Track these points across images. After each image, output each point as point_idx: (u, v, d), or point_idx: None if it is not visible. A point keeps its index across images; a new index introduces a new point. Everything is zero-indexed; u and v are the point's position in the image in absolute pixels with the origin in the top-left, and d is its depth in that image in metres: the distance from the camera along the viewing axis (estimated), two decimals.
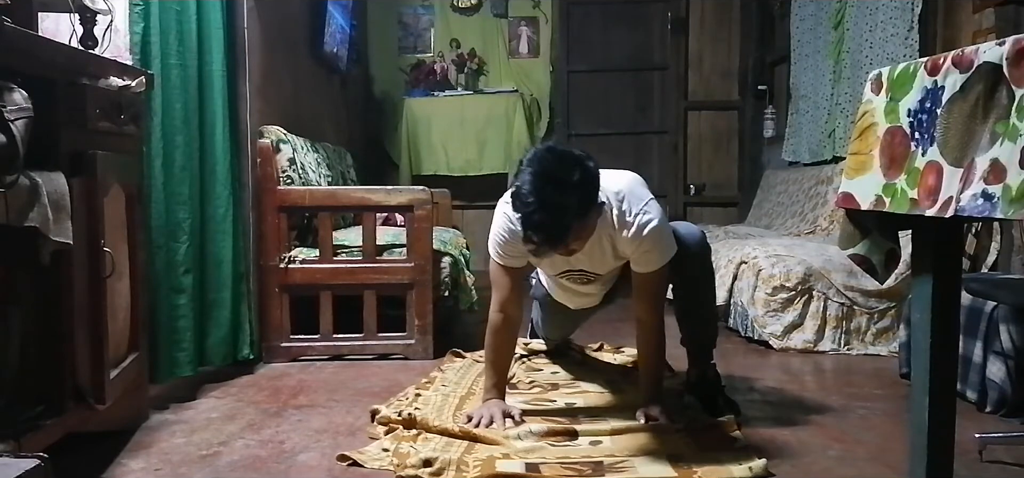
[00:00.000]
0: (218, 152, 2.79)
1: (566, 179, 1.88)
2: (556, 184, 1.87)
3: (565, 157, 1.93)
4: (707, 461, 1.93)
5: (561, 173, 1.89)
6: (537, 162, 1.91)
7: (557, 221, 1.89)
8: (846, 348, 3.30)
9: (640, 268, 2.21)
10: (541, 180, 1.87)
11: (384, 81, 6.07)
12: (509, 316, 2.28)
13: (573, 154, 1.95)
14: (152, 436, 2.20)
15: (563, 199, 1.88)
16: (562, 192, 1.87)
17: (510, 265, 2.22)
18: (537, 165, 1.90)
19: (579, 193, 1.91)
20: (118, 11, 2.35)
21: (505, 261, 2.21)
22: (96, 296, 1.89)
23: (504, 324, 2.28)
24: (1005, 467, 1.96)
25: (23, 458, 1.26)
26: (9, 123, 1.47)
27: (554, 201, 1.87)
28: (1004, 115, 1.20)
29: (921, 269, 1.54)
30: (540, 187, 1.86)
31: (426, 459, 1.90)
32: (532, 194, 1.86)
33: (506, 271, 2.23)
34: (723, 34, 6.01)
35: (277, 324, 3.12)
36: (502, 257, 2.21)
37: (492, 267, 2.26)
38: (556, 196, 1.87)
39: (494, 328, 2.28)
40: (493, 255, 2.22)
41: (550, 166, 1.90)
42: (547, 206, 1.86)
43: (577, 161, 1.92)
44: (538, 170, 1.89)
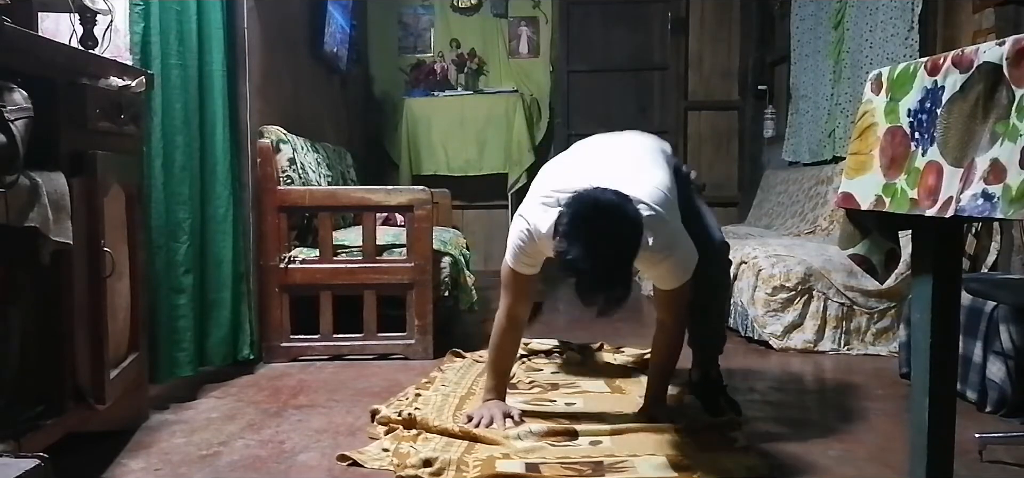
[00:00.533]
0: (218, 152, 2.79)
1: (619, 240, 1.82)
2: (612, 248, 1.81)
3: (611, 213, 1.84)
4: (707, 461, 1.93)
5: (613, 234, 1.82)
6: (585, 226, 1.81)
7: (622, 284, 1.85)
8: (846, 348, 3.30)
9: (661, 285, 2.18)
10: (595, 247, 1.79)
11: (384, 81, 6.07)
12: (517, 320, 2.27)
13: (615, 205, 1.85)
14: (152, 436, 2.20)
15: (622, 260, 1.83)
16: (619, 255, 1.82)
17: (525, 272, 2.19)
18: (587, 231, 1.81)
19: (632, 247, 1.85)
20: (118, 11, 2.35)
21: (520, 268, 2.18)
22: (96, 296, 1.89)
23: (511, 327, 2.27)
24: (1005, 467, 1.96)
25: (23, 458, 1.26)
26: (9, 123, 1.47)
27: (615, 267, 1.82)
28: (1004, 115, 1.20)
29: (921, 269, 1.54)
30: (596, 254, 1.79)
31: (426, 459, 1.90)
32: (588, 261, 1.79)
33: (520, 277, 2.20)
34: (723, 34, 6.01)
35: (277, 324, 3.12)
36: (518, 264, 2.17)
37: (505, 271, 2.22)
38: (615, 261, 1.82)
39: (501, 329, 2.28)
40: (509, 260, 2.18)
41: (601, 229, 1.81)
42: (612, 274, 1.82)
43: (622, 213, 1.85)
44: (589, 237, 1.80)
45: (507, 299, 2.25)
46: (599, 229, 1.81)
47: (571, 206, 1.85)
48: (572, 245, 1.80)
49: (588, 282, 1.83)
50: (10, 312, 1.70)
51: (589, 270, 1.80)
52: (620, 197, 1.88)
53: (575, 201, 1.86)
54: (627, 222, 1.85)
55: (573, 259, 1.79)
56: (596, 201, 1.85)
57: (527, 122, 5.88)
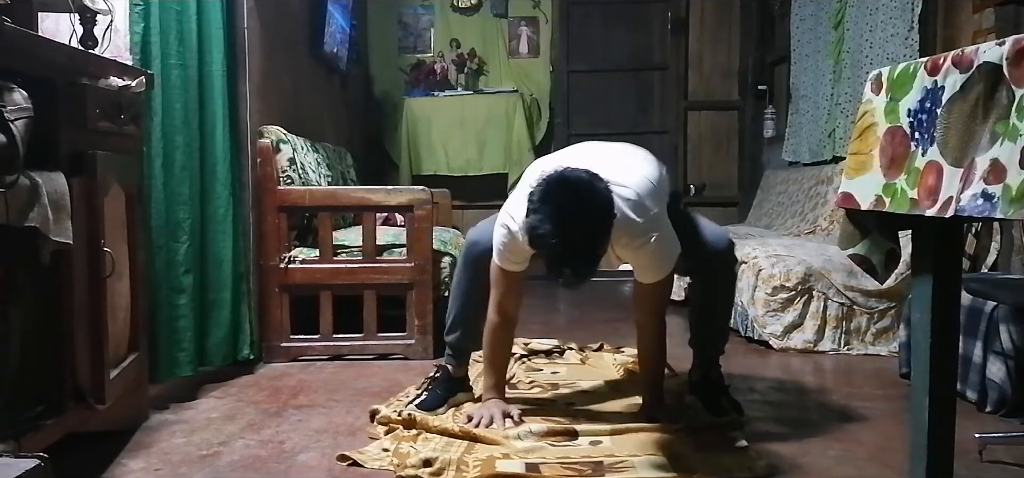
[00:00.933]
0: (218, 152, 2.79)
1: (587, 212, 1.84)
2: (579, 220, 1.82)
3: (579, 187, 1.86)
4: (707, 461, 1.93)
5: (581, 206, 1.84)
6: (553, 199, 1.83)
7: (587, 256, 1.85)
8: (846, 348, 3.30)
9: (640, 278, 2.19)
10: (563, 219, 1.81)
11: (384, 81, 6.07)
12: (508, 316, 2.28)
13: (584, 180, 1.88)
14: (152, 436, 2.20)
15: (588, 231, 1.84)
16: (586, 226, 1.83)
17: (512, 269, 2.21)
18: (554, 204, 1.82)
19: (600, 221, 1.86)
20: (118, 11, 2.35)
21: (506, 265, 2.20)
22: (96, 296, 1.89)
23: (503, 324, 2.28)
24: (1005, 467, 1.96)
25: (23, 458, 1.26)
26: (9, 123, 1.47)
27: (580, 238, 1.83)
28: (1004, 115, 1.20)
29: (921, 269, 1.54)
30: (563, 226, 1.81)
31: (426, 459, 1.90)
32: (556, 235, 1.80)
33: (507, 274, 2.21)
34: (723, 34, 6.01)
35: (277, 324, 3.12)
36: (505, 261, 2.19)
37: (493, 269, 2.24)
38: (581, 231, 1.83)
39: (493, 328, 2.28)
40: (495, 258, 2.20)
41: (568, 201, 1.83)
42: (575, 245, 1.83)
43: (591, 187, 1.87)
44: (557, 209, 1.82)
45: (496, 296, 2.25)
46: (567, 202, 1.83)
47: (541, 183, 1.87)
48: (541, 219, 1.82)
49: (554, 252, 1.83)
50: (10, 312, 1.70)
51: (556, 241, 1.81)
52: (590, 175, 1.89)
53: (545, 179, 1.88)
54: (596, 197, 1.86)
55: (541, 232, 1.82)
56: (564, 177, 1.88)
57: (527, 122, 5.88)
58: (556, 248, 1.82)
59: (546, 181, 1.87)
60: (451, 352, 2.52)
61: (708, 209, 5.99)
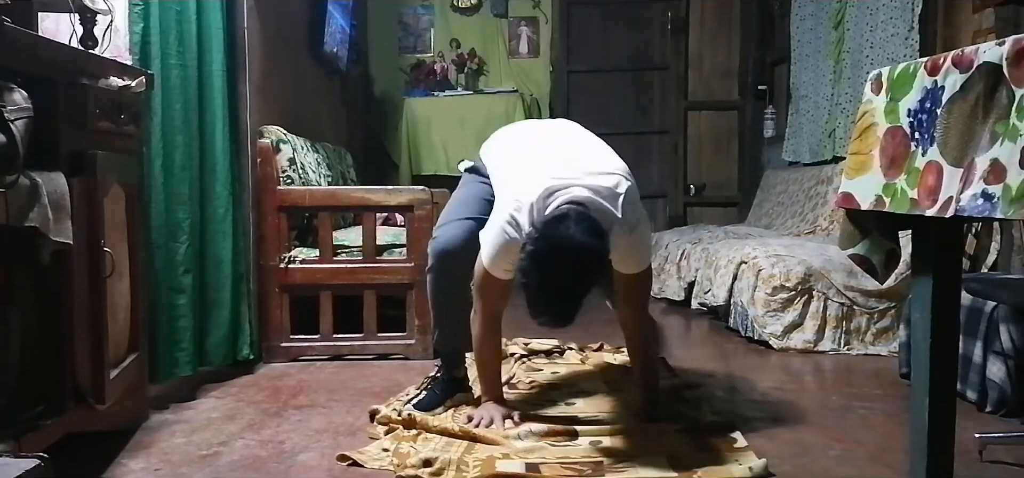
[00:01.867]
0: (218, 152, 2.79)
1: (574, 282, 1.89)
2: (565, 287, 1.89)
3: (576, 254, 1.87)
4: (707, 461, 1.93)
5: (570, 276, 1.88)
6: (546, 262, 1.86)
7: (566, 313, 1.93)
8: (846, 348, 3.30)
9: (624, 269, 2.16)
10: (550, 283, 1.87)
11: (384, 81, 6.07)
12: (495, 320, 2.26)
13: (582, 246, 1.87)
14: (152, 436, 2.20)
15: (571, 298, 1.91)
16: (571, 294, 1.90)
17: (502, 277, 2.14)
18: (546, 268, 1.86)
19: (585, 286, 1.92)
20: (118, 11, 2.35)
21: (498, 273, 2.13)
22: (96, 296, 1.89)
23: (491, 329, 2.25)
24: (1005, 467, 1.96)
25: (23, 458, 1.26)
26: (9, 123, 1.47)
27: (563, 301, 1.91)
28: (1004, 115, 1.20)
29: (921, 269, 1.54)
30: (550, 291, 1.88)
31: (426, 459, 1.90)
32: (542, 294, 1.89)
33: (496, 282, 2.15)
34: (723, 34, 6.01)
35: (277, 324, 3.12)
36: (495, 269, 2.12)
37: (480, 274, 2.17)
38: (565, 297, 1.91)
39: (484, 335, 2.25)
40: (487, 263, 2.12)
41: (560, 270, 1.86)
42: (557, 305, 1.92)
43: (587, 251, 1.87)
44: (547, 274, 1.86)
45: (482, 304, 2.21)
46: (558, 269, 1.86)
47: (539, 240, 1.89)
48: (531, 275, 1.88)
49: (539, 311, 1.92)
50: (10, 312, 1.70)
51: (542, 304, 1.90)
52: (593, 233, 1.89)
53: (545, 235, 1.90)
54: (589, 262, 1.89)
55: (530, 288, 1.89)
56: (562, 242, 1.87)
57: None
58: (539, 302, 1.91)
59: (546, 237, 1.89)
60: (445, 361, 2.52)
61: (708, 209, 6.01)
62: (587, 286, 1.93)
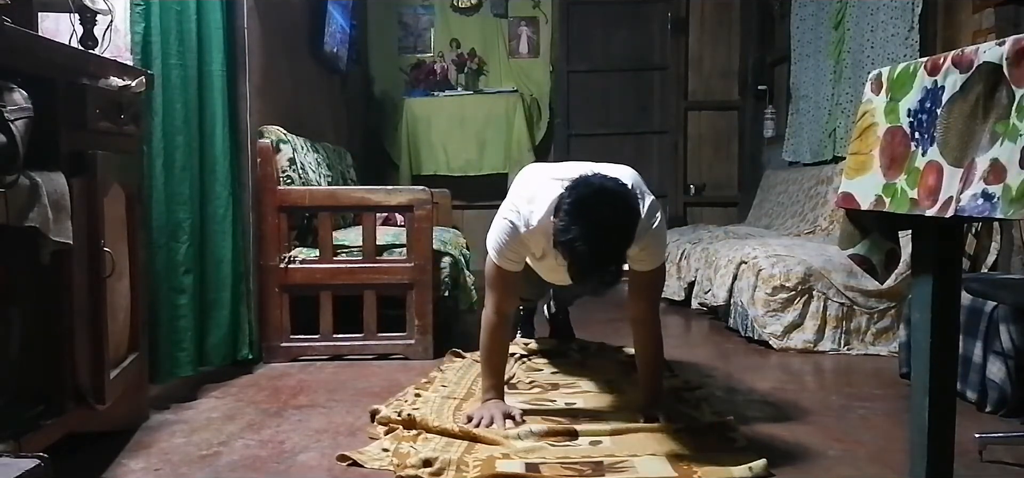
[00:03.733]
0: (218, 152, 2.79)
1: (621, 225, 1.90)
2: (614, 234, 1.89)
3: (614, 199, 1.91)
4: (707, 461, 1.93)
5: (616, 219, 1.89)
6: (588, 209, 1.87)
7: (617, 265, 1.93)
8: (846, 348, 3.30)
9: (640, 266, 2.20)
10: (596, 231, 1.86)
11: (384, 81, 6.07)
12: (505, 316, 2.28)
13: (617, 191, 1.92)
14: (152, 436, 2.20)
15: (621, 244, 1.91)
16: (620, 240, 1.90)
17: (510, 268, 2.22)
18: (589, 214, 1.87)
19: (628, 234, 1.92)
20: (118, 11, 2.35)
21: (506, 264, 2.20)
22: (96, 296, 1.89)
23: (501, 324, 2.28)
24: (1005, 467, 1.96)
25: (23, 458, 1.26)
26: (9, 123, 1.47)
27: (614, 251, 1.90)
28: (1004, 115, 1.20)
29: (921, 269, 1.54)
30: (599, 240, 1.86)
31: (426, 459, 1.90)
32: (587, 243, 1.85)
33: (505, 273, 2.22)
34: (723, 34, 6.01)
35: (277, 324, 3.12)
36: (503, 260, 2.20)
37: (490, 268, 2.25)
38: (615, 245, 1.90)
39: (491, 328, 2.28)
40: (494, 257, 2.21)
41: (603, 214, 1.88)
42: (611, 257, 1.90)
43: (623, 199, 1.92)
44: (591, 221, 1.86)
45: (494, 296, 2.26)
46: (601, 214, 1.88)
47: (575, 189, 1.92)
48: (573, 225, 1.87)
49: (585, 263, 1.89)
50: (10, 312, 1.70)
51: (587, 252, 1.86)
52: (621, 184, 1.96)
53: (579, 184, 1.93)
54: (627, 209, 1.93)
55: (572, 239, 1.87)
56: (601, 186, 1.92)
57: (527, 122, 5.88)
58: (586, 258, 1.88)
59: (581, 185, 1.91)
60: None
61: (708, 209, 6.01)
62: (630, 235, 1.92)
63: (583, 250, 1.86)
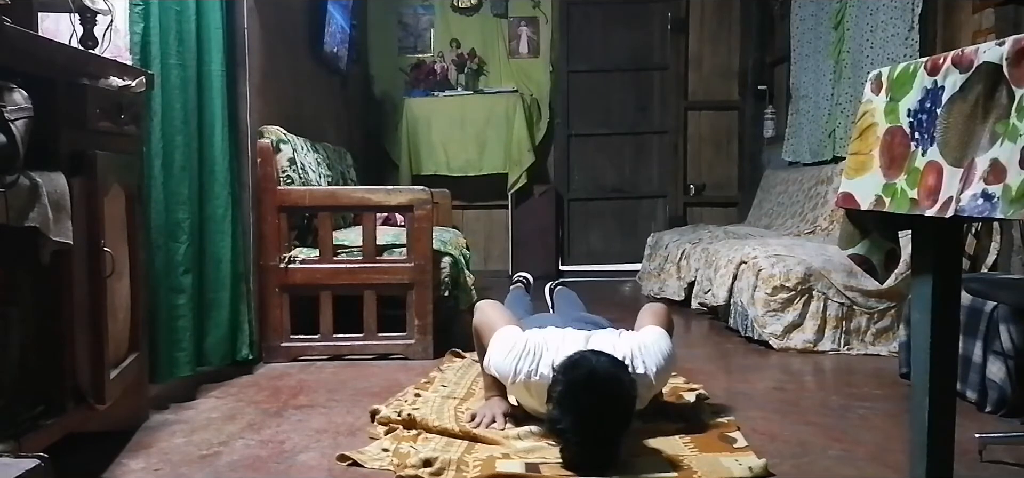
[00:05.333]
0: (217, 152, 2.79)
1: (610, 418, 1.84)
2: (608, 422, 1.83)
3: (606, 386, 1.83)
4: (707, 461, 1.93)
5: (605, 412, 1.82)
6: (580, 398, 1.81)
7: (614, 449, 1.88)
8: (846, 348, 3.30)
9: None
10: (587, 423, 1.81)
11: (384, 81, 6.07)
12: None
13: (610, 376, 1.85)
14: (152, 436, 2.20)
15: (609, 440, 1.86)
16: (609, 434, 1.85)
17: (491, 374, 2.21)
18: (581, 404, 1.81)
19: (622, 424, 1.86)
20: (118, 11, 2.35)
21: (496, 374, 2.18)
22: (96, 296, 1.89)
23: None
24: (1005, 467, 1.96)
25: (23, 458, 1.26)
26: (9, 123, 1.47)
27: (610, 438, 1.85)
28: (1004, 115, 1.20)
29: (921, 269, 1.54)
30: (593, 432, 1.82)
31: (426, 459, 1.90)
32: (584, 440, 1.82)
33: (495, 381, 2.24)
34: (723, 34, 6.01)
35: (277, 324, 3.12)
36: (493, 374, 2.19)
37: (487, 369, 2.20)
38: (603, 439, 1.84)
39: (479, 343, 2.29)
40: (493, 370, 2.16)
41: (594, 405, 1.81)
42: (604, 445, 1.85)
43: (616, 384, 1.85)
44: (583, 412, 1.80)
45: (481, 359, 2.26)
46: (592, 404, 1.81)
47: (566, 373, 1.86)
48: (565, 415, 1.82)
49: (576, 453, 1.86)
50: (10, 312, 1.70)
51: (579, 446, 1.84)
52: (616, 365, 1.89)
53: (571, 368, 1.86)
54: (621, 396, 1.85)
55: (563, 430, 1.84)
56: (592, 371, 1.84)
57: (527, 122, 5.88)
58: (578, 450, 1.85)
59: (573, 370, 1.85)
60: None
61: (708, 209, 6.02)
62: (628, 418, 1.86)
63: (575, 444, 1.84)
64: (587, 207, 6.12)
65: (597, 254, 6.08)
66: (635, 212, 6.13)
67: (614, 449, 1.87)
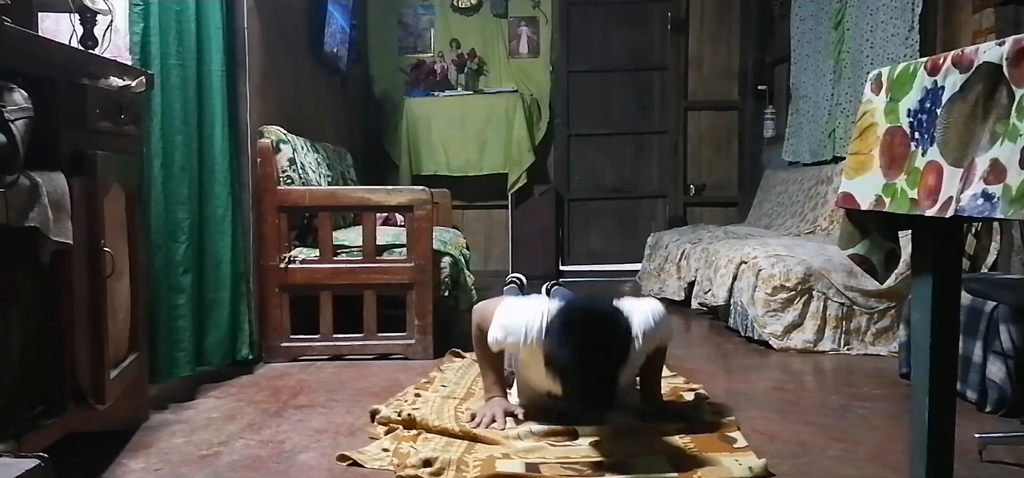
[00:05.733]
0: (217, 152, 2.79)
1: (611, 346, 1.86)
2: (605, 354, 1.86)
3: (602, 321, 1.88)
4: (707, 461, 1.93)
5: (605, 341, 1.86)
6: (577, 332, 1.85)
7: (611, 386, 1.89)
8: (846, 348, 3.30)
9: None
10: (585, 356, 1.83)
11: (384, 81, 6.07)
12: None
13: (606, 313, 1.91)
14: (152, 436, 2.20)
15: (613, 365, 1.87)
16: (610, 360, 1.87)
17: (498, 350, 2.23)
18: (578, 338, 1.84)
19: (618, 357, 1.89)
20: (118, 11, 2.35)
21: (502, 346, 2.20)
22: (96, 296, 1.89)
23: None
24: (1005, 467, 1.96)
25: (23, 458, 1.26)
26: (9, 123, 1.47)
27: (607, 373, 1.87)
28: (1004, 115, 1.20)
29: (921, 269, 1.54)
30: (591, 363, 1.84)
31: (426, 459, 1.90)
32: (584, 371, 1.84)
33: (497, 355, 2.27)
34: (723, 34, 6.01)
35: (277, 324, 3.12)
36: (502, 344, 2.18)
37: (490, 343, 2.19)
38: (607, 367, 1.86)
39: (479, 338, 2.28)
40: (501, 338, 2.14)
41: (591, 338, 1.84)
42: (602, 380, 1.87)
43: (612, 321, 1.90)
44: (580, 345, 1.83)
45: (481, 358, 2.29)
46: (589, 337, 1.84)
47: (563, 311, 1.91)
48: (561, 349, 1.85)
49: (575, 388, 1.87)
50: (10, 312, 1.70)
51: (579, 377, 1.85)
52: (611, 307, 1.94)
53: (568, 307, 1.93)
54: (617, 332, 1.89)
55: (562, 363, 1.85)
56: (588, 309, 1.91)
57: (527, 122, 5.88)
58: (577, 384, 1.86)
59: (570, 308, 1.91)
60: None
61: (708, 209, 6.01)
62: (624, 354, 1.89)
63: (575, 375, 1.85)
64: (587, 207, 6.13)
65: (597, 254, 6.08)
66: (635, 212, 6.14)
67: (612, 387, 1.89)
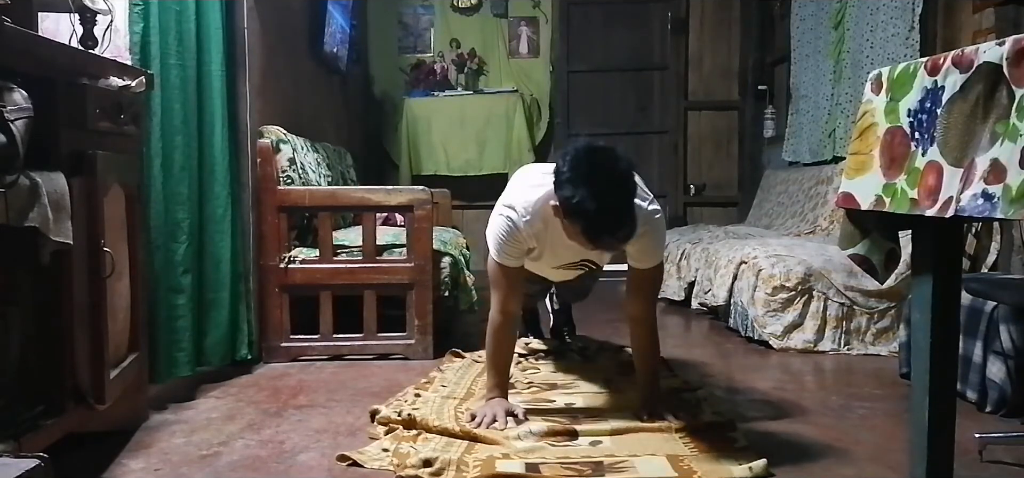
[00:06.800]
0: (217, 152, 2.79)
1: (620, 174, 1.92)
2: (617, 183, 1.91)
3: (607, 153, 1.95)
4: (707, 461, 1.93)
5: (614, 171, 1.92)
6: (585, 167, 1.91)
7: (629, 215, 1.94)
8: (846, 348, 3.30)
9: (639, 263, 2.24)
10: (605, 184, 1.89)
11: (384, 81, 6.07)
12: (510, 314, 2.29)
13: (606, 148, 1.97)
14: (152, 436, 2.20)
15: (627, 193, 1.93)
16: (624, 187, 1.92)
17: (511, 265, 2.23)
18: (588, 171, 1.90)
19: (629, 181, 1.95)
20: (118, 11, 2.35)
21: (506, 261, 2.22)
22: (96, 296, 1.89)
23: (505, 322, 2.29)
24: (1005, 467, 1.96)
25: (23, 458, 1.26)
26: (9, 123, 1.47)
27: (623, 200, 1.92)
28: (1004, 115, 1.20)
29: (921, 269, 1.54)
30: (607, 191, 1.89)
31: (426, 459, 1.90)
32: (601, 199, 1.87)
33: (507, 271, 2.25)
34: (723, 34, 6.01)
35: (277, 324, 3.12)
36: (504, 257, 2.22)
37: (492, 267, 2.27)
38: (622, 194, 1.92)
39: (495, 327, 2.29)
40: (495, 255, 2.23)
41: (604, 167, 1.91)
42: (621, 207, 1.91)
43: (613, 152, 1.96)
44: (592, 177, 1.89)
45: (499, 295, 2.28)
46: (598, 168, 1.91)
47: (566, 156, 1.96)
48: (576, 189, 1.89)
49: (597, 221, 1.91)
50: (10, 312, 1.70)
51: (596, 207, 1.88)
52: (610, 147, 1.99)
53: (569, 151, 1.97)
54: (621, 160, 1.95)
55: (579, 201, 1.89)
56: (590, 146, 1.97)
57: (527, 122, 5.88)
58: (597, 215, 1.89)
59: (572, 151, 1.95)
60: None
61: (708, 209, 6.02)
62: (632, 186, 1.95)
63: (592, 207, 1.88)
64: None
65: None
66: None
67: (631, 214, 1.94)
